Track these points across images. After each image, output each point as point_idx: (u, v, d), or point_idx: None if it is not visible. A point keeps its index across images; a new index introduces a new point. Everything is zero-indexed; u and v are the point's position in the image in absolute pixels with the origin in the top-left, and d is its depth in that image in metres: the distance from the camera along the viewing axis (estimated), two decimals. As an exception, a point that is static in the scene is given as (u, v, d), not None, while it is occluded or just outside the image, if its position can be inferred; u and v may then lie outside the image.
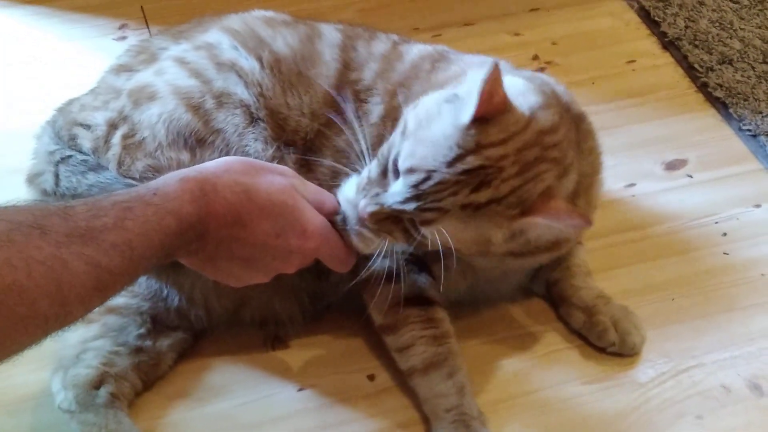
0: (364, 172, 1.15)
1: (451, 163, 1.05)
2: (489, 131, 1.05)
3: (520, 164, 1.07)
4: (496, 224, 1.09)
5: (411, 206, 1.07)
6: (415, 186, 1.06)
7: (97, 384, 1.21)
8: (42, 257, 0.88)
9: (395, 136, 1.13)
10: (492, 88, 1.04)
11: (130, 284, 1.03)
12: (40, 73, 1.89)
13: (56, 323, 0.91)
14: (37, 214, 0.92)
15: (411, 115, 1.12)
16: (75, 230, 0.93)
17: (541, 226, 1.10)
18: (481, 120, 1.05)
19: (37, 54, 1.94)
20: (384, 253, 1.15)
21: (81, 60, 1.90)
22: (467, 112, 1.05)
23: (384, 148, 1.13)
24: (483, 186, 1.06)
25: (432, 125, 1.09)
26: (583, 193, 1.21)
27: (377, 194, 1.11)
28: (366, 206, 1.11)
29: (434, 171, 1.06)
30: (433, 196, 1.06)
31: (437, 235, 1.08)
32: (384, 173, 1.11)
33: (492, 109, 1.05)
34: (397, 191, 1.08)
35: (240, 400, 1.28)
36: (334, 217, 1.16)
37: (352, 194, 1.15)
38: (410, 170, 1.07)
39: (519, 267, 1.33)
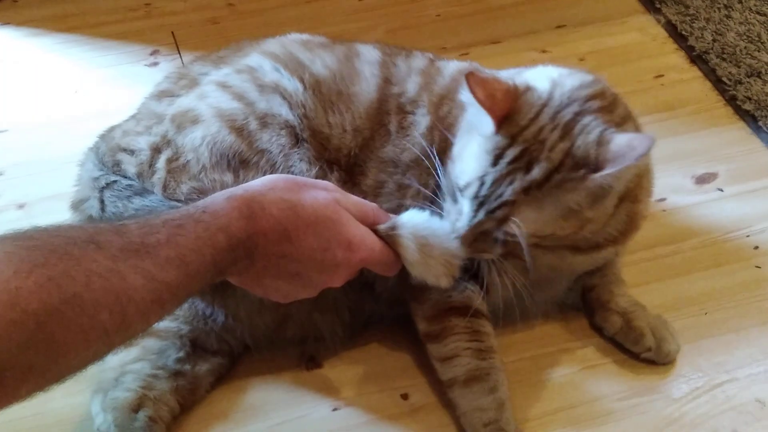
0: (446, 206, 1.21)
1: (494, 163, 1.11)
2: (515, 120, 1.11)
3: (561, 128, 1.11)
4: (569, 190, 1.12)
5: (482, 214, 1.14)
6: (475, 196, 1.13)
7: (136, 407, 1.21)
8: (100, 270, 0.89)
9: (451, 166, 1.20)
10: (484, 91, 1.08)
11: (185, 300, 1.04)
12: (74, 101, 1.91)
13: (117, 336, 0.92)
14: (91, 231, 0.94)
15: (456, 146, 1.20)
16: (129, 245, 0.94)
17: (615, 176, 1.11)
18: (502, 119, 1.10)
19: (70, 82, 1.96)
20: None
21: (114, 87, 1.92)
22: (487, 125, 1.11)
23: (450, 182, 1.19)
24: (533, 163, 1.10)
25: (469, 145, 1.17)
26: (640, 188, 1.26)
27: (457, 220, 1.17)
28: (457, 233, 1.16)
29: (484, 175, 1.12)
30: (493, 195, 1.12)
31: (522, 226, 1.12)
32: (455, 201, 1.18)
33: (504, 106, 1.09)
34: (465, 210, 1.15)
35: (275, 421, 1.28)
36: (377, 227, 1.18)
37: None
38: (466, 186, 1.14)
39: (575, 268, 1.34)
